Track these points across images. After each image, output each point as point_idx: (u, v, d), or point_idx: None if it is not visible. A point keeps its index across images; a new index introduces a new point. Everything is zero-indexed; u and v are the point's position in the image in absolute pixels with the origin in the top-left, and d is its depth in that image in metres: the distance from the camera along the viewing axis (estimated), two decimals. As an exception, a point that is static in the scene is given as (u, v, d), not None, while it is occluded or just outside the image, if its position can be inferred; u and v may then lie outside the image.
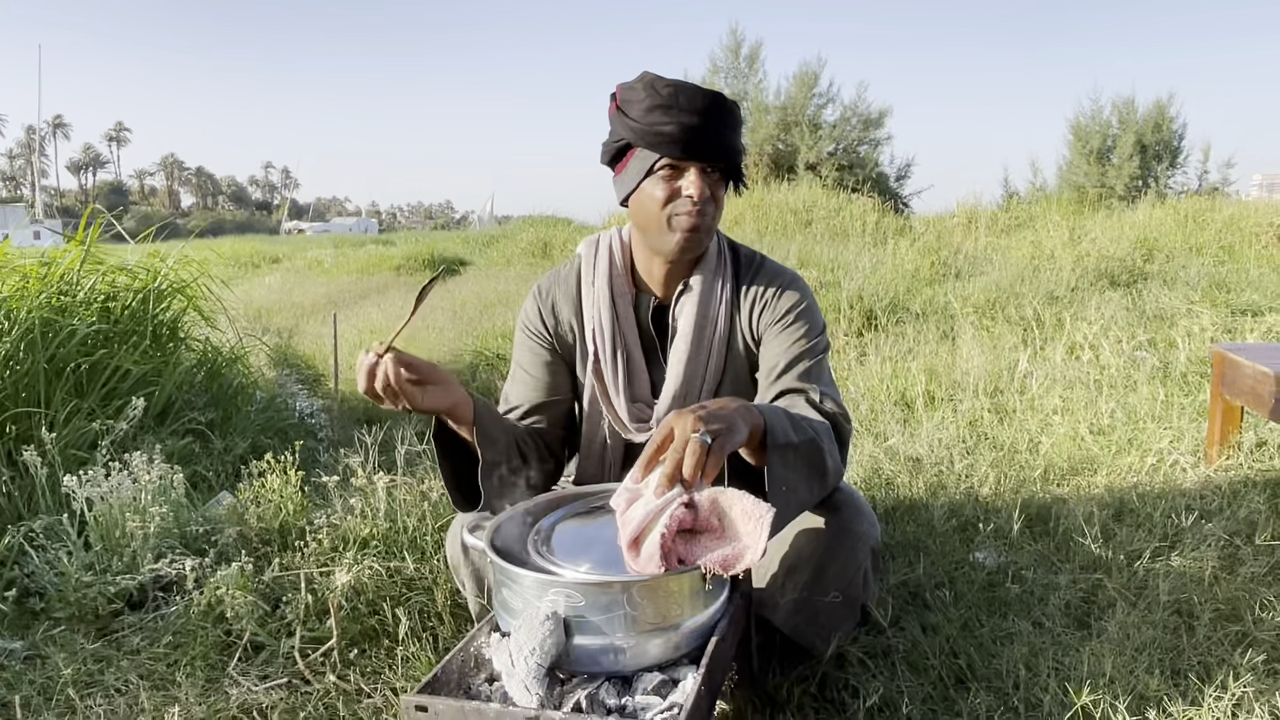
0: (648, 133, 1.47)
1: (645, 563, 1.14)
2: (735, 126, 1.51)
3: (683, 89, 1.46)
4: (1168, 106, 15.00)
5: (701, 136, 1.46)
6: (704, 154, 1.48)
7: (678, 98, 1.45)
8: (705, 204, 1.50)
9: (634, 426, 1.64)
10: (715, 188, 1.52)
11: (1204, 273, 6.56)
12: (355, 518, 2.20)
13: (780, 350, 1.57)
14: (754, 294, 1.63)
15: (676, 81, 1.47)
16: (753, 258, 1.69)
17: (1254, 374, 2.62)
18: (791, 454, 1.33)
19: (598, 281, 1.64)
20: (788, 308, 1.60)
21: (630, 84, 1.51)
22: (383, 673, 1.77)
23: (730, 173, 1.54)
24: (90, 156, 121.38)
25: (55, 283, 3.45)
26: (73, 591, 2.02)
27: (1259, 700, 1.48)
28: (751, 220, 10.88)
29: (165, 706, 1.65)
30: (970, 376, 3.93)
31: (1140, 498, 2.51)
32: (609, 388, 1.64)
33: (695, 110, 1.44)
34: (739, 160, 1.54)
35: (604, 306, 1.62)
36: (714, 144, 1.48)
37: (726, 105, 1.48)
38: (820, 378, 1.56)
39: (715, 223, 1.56)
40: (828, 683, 1.61)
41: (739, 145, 1.54)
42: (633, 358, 1.63)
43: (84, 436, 2.85)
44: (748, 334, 1.63)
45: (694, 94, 1.45)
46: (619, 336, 1.62)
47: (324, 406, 4.90)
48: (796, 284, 1.65)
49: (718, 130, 1.47)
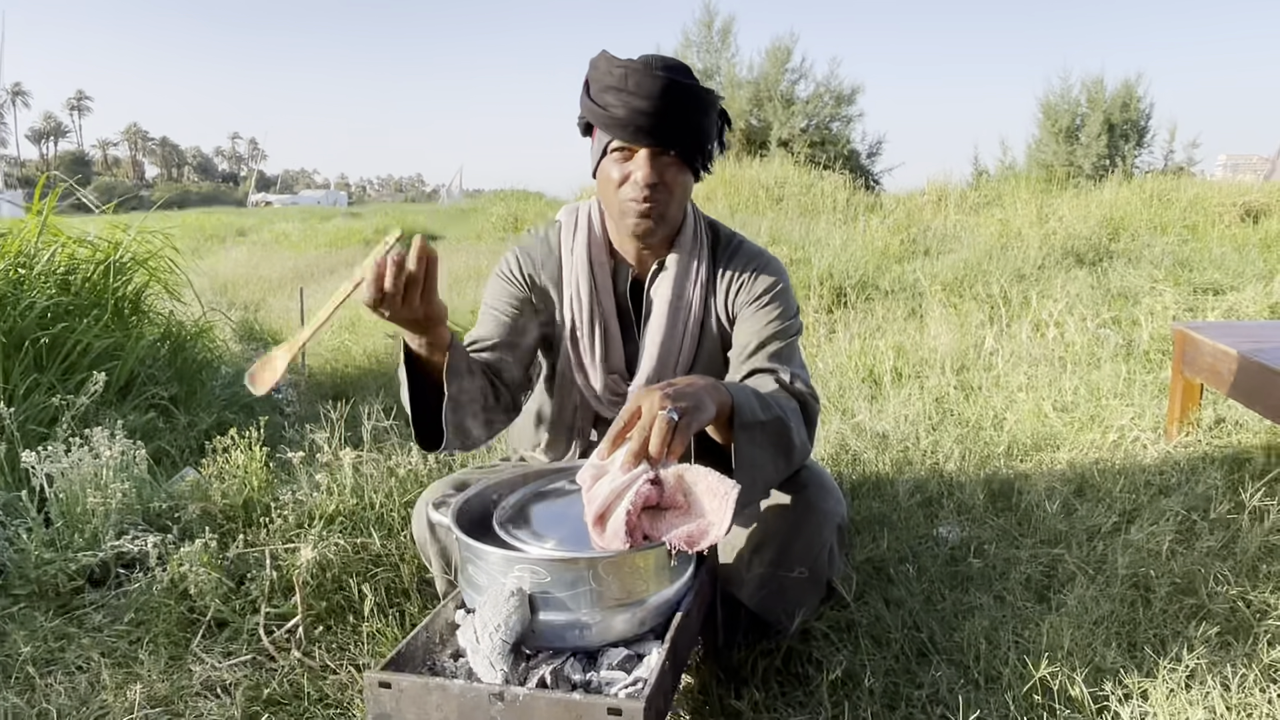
0: (601, 113, 1.45)
1: (610, 539, 1.15)
2: (695, 110, 1.45)
3: (633, 71, 1.40)
4: (1135, 86, 15.11)
5: (651, 121, 1.42)
6: (653, 139, 1.44)
7: (628, 80, 1.40)
8: (655, 189, 1.47)
9: (607, 399, 1.64)
10: (668, 172, 1.48)
11: (1168, 251, 6.65)
12: (321, 494, 2.18)
13: (753, 330, 1.58)
14: (730, 275, 1.63)
15: (629, 63, 1.42)
16: (731, 238, 1.68)
17: (1214, 352, 2.67)
18: (758, 432, 1.34)
19: (576, 250, 1.63)
20: (763, 289, 1.60)
21: (594, 60, 1.48)
22: (348, 649, 1.77)
23: (691, 156, 1.49)
24: (51, 125, 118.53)
25: (11, 255, 3.37)
26: (33, 568, 1.99)
27: (1211, 672, 1.51)
28: (723, 196, 10.85)
29: (127, 684, 1.64)
30: (937, 353, 3.97)
31: (1101, 473, 2.55)
32: (584, 358, 1.63)
33: (646, 94, 1.40)
34: (697, 145, 1.48)
35: (582, 275, 1.61)
36: (665, 129, 1.43)
37: (683, 89, 1.42)
38: (791, 359, 1.57)
39: (670, 208, 1.52)
40: (792, 656, 1.63)
41: (700, 128, 1.47)
42: (609, 329, 1.62)
43: (44, 412, 2.80)
44: (723, 314, 1.63)
45: (643, 78, 1.40)
46: (596, 306, 1.61)
47: (290, 382, 4.85)
48: (773, 266, 1.64)
49: (671, 115, 1.42)
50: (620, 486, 1.16)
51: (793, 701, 1.54)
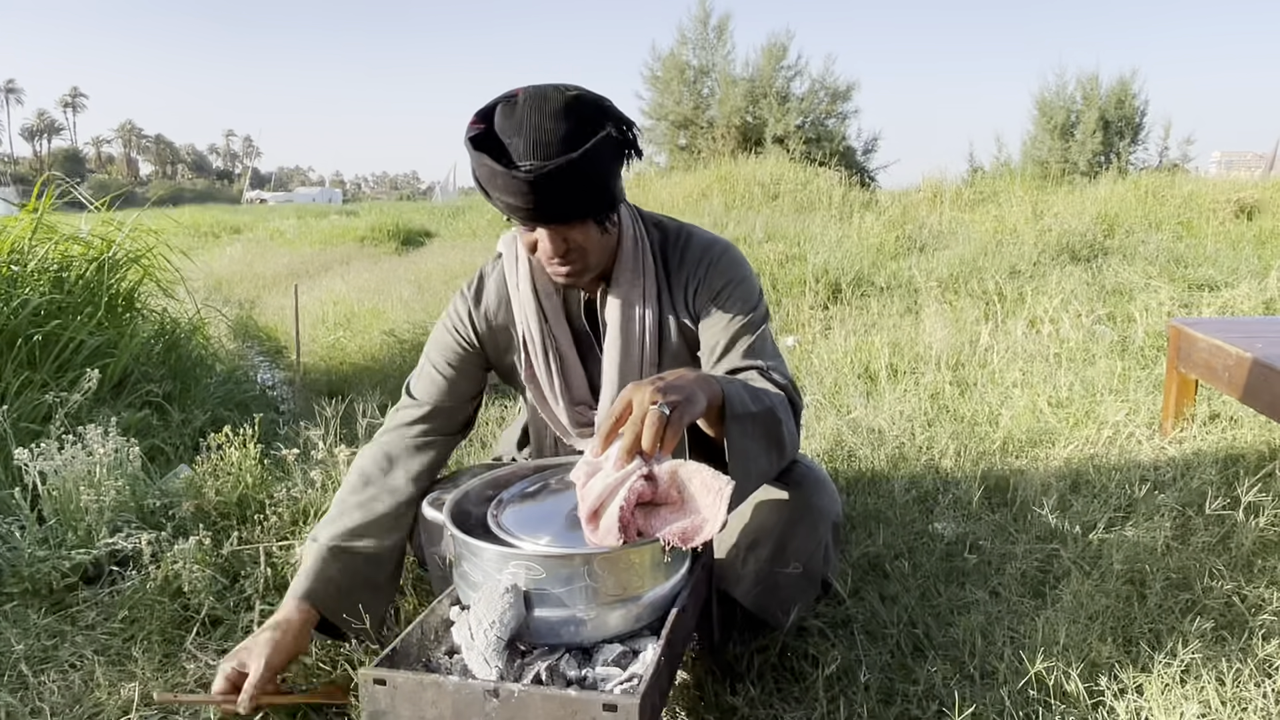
0: (487, 199, 1.38)
1: (604, 535, 1.14)
2: (576, 181, 1.31)
3: (496, 174, 1.30)
4: (1130, 83, 15.13)
5: (533, 212, 1.34)
6: (541, 222, 1.37)
7: (495, 180, 1.31)
8: (567, 254, 1.43)
9: (575, 431, 1.62)
10: (573, 234, 1.41)
11: (1163, 248, 6.65)
12: (316, 491, 2.18)
13: (720, 328, 1.54)
14: (685, 273, 1.58)
15: (490, 164, 1.30)
16: (680, 232, 1.62)
17: (1208, 348, 2.67)
18: (750, 424, 1.32)
19: (521, 285, 1.58)
20: (722, 284, 1.56)
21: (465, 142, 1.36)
22: (343, 646, 1.76)
23: (589, 214, 1.41)
24: (45, 123, 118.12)
25: (5, 252, 3.36)
26: (26, 566, 1.98)
27: (1206, 667, 1.51)
28: (719, 193, 10.86)
29: (121, 682, 1.63)
30: (933, 350, 3.97)
31: (1096, 469, 2.55)
32: (545, 393, 1.61)
33: (516, 193, 1.30)
34: (591, 205, 1.39)
35: (530, 310, 1.57)
36: (549, 213, 1.35)
37: (550, 176, 1.28)
38: (765, 351, 1.53)
39: (590, 259, 1.46)
40: (788, 652, 1.63)
41: (589, 192, 1.36)
42: (566, 359, 1.60)
43: (37, 409, 2.79)
44: (684, 314, 1.59)
45: (508, 180, 1.29)
46: (549, 339, 1.58)
47: (285, 379, 4.85)
48: (727, 255, 1.59)
49: (552, 200, 1.32)
50: (614, 483, 1.15)
51: (788, 697, 1.54)
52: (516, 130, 1.30)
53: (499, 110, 1.33)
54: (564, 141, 1.29)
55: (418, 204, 28.57)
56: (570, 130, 1.30)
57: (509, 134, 1.31)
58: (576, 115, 1.31)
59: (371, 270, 9.18)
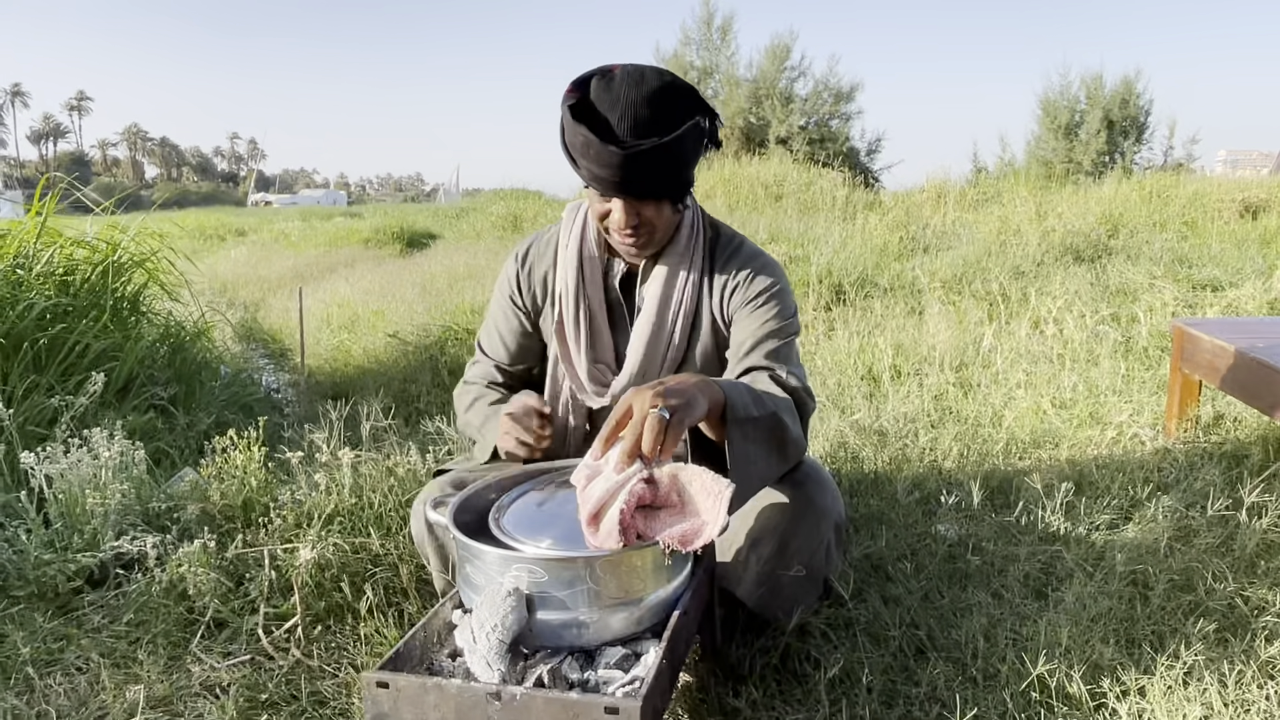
0: (573, 164, 1.46)
1: (604, 538, 1.15)
2: (661, 161, 1.40)
3: (591, 143, 1.36)
4: (1135, 82, 15.08)
5: (617, 186, 1.42)
6: (623, 194, 1.45)
7: (589, 150, 1.38)
8: (637, 229, 1.50)
9: (591, 389, 1.66)
10: (645, 210, 1.49)
11: (1167, 248, 6.63)
12: (320, 493, 2.18)
13: (749, 330, 1.58)
14: (727, 276, 1.63)
15: (587, 135, 1.36)
16: (732, 239, 1.68)
17: (1212, 348, 2.67)
18: (751, 428, 1.34)
19: (570, 246, 1.66)
20: (760, 290, 1.61)
21: (562, 104, 1.43)
22: (347, 649, 1.77)
23: (666, 195, 1.49)
24: (51, 126, 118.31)
25: (10, 256, 3.38)
26: (32, 569, 1.99)
27: (1209, 668, 1.51)
28: (722, 194, 10.85)
29: (127, 684, 1.64)
30: (936, 351, 3.97)
31: (1100, 470, 2.55)
32: (570, 347, 1.66)
33: (605, 164, 1.38)
34: (670, 186, 1.47)
35: (571, 269, 1.64)
36: (632, 187, 1.43)
37: (641, 156, 1.36)
38: (788, 359, 1.58)
39: (656, 235, 1.55)
40: (790, 654, 1.63)
41: (670, 172, 1.44)
42: (596, 319, 1.65)
43: (43, 413, 2.80)
44: (718, 315, 1.64)
45: (600, 150, 1.36)
46: (583, 298, 1.64)
47: (290, 381, 4.86)
48: (771, 269, 1.65)
49: (636, 177, 1.40)
50: (614, 486, 1.16)
51: (791, 699, 1.54)
52: (613, 106, 1.37)
53: (595, 82, 1.41)
54: (658, 124, 1.37)
55: (422, 206, 28.62)
56: (665, 114, 1.38)
57: (606, 107, 1.38)
58: (671, 100, 1.39)
59: (376, 272, 9.19)
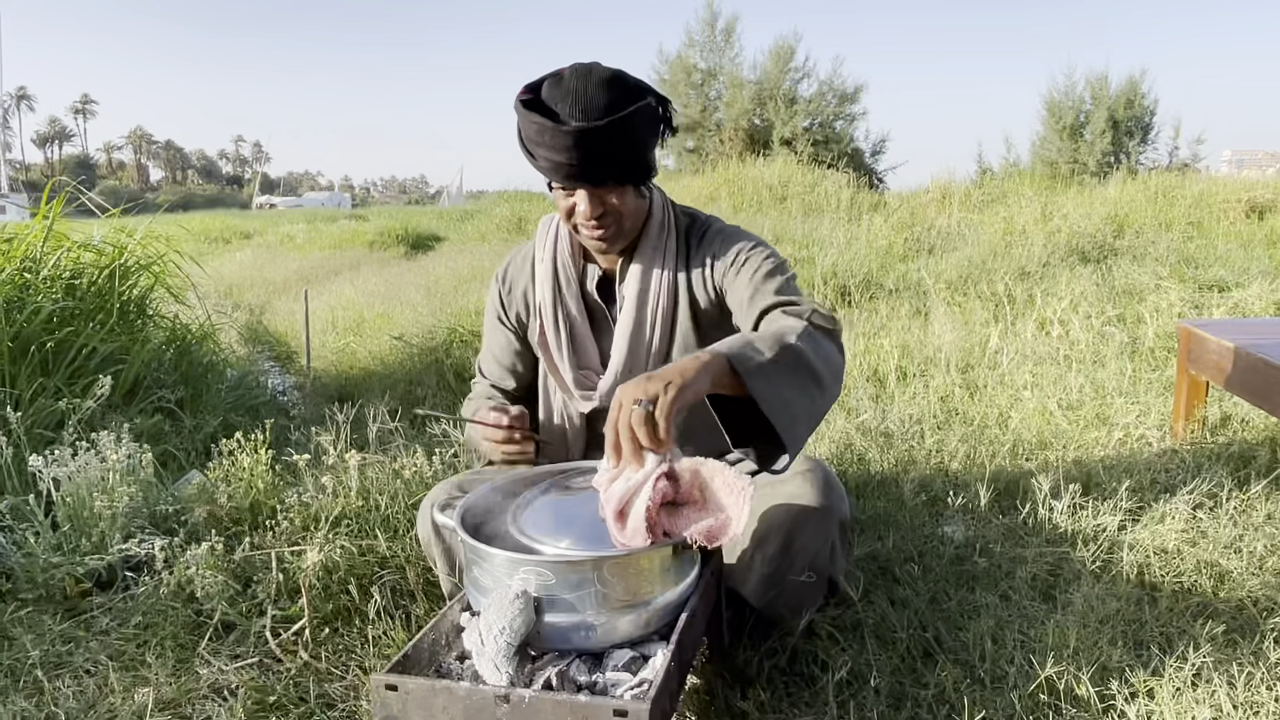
0: (532, 161, 1.49)
1: (632, 535, 1.15)
2: (618, 141, 1.43)
3: (544, 128, 1.41)
4: (1140, 83, 15.05)
5: (575, 169, 1.44)
6: (582, 181, 1.47)
7: (544, 135, 1.42)
8: (603, 218, 1.52)
9: (579, 393, 1.68)
10: (609, 198, 1.51)
11: (1173, 248, 6.62)
12: (327, 496, 2.19)
13: (745, 282, 1.58)
14: (704, 253, 1.65)
15: (539, 120, 1.41)
16: (706, 222, 1.71)
17: (1218, 349, 2.66)
18: (772, 369, 1.28)
19: (544, 258, 1.70)
20: (738, 249, 1.62)
21: (515, 107, 1.47)
22: (354, 651, 1.77)
23: (628, 177, 1.51)
24: (56, 129, 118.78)
25: (17, 260, 3.39)
26: (40, 572, 2.00)
27: (1218, 670, 1.51)
28: (726, 196, 10.86)
29: (135, 687, 1.64)
30: (942, 352, 3.96)
31: (1107, 472, 2.54)
32: (553, 356, 1.70)
33: (562, 148, 1.41)
34: (630, 167, 1.50)
35: (546, 281, 1.68)
36: (590, 172, 1.46)
37: (596, 133, 1.40)
38: (796, 290, 1.56)
39: (624, 224, 1.56)
40: (797, 656, 1.63)
41: (628, 153, 1.47)
42: (576, 326, 1.68)
43: (50, 416, 2.81)
44: (708, 293, 1.64)
45: (555, 134, 1.40)
46: (560, 306, 1.67)
47: (296, 384, 4.87)
48: (744, 234, 1.67)
49: (593, 158, 1.43)
50: (636, 484, 1.16)
51: (798, 702, 1.54)
52: (564, 97, 1.42)
53: (547, 83, 1.46)
54: (608, 106, 1.41)
55: (426, 208, 28.65)
56: (614, 98, 1.42)
57: (556, 100, 1.43)
58: (620, 86, 1.44)
59: (380, 275, 9.21)
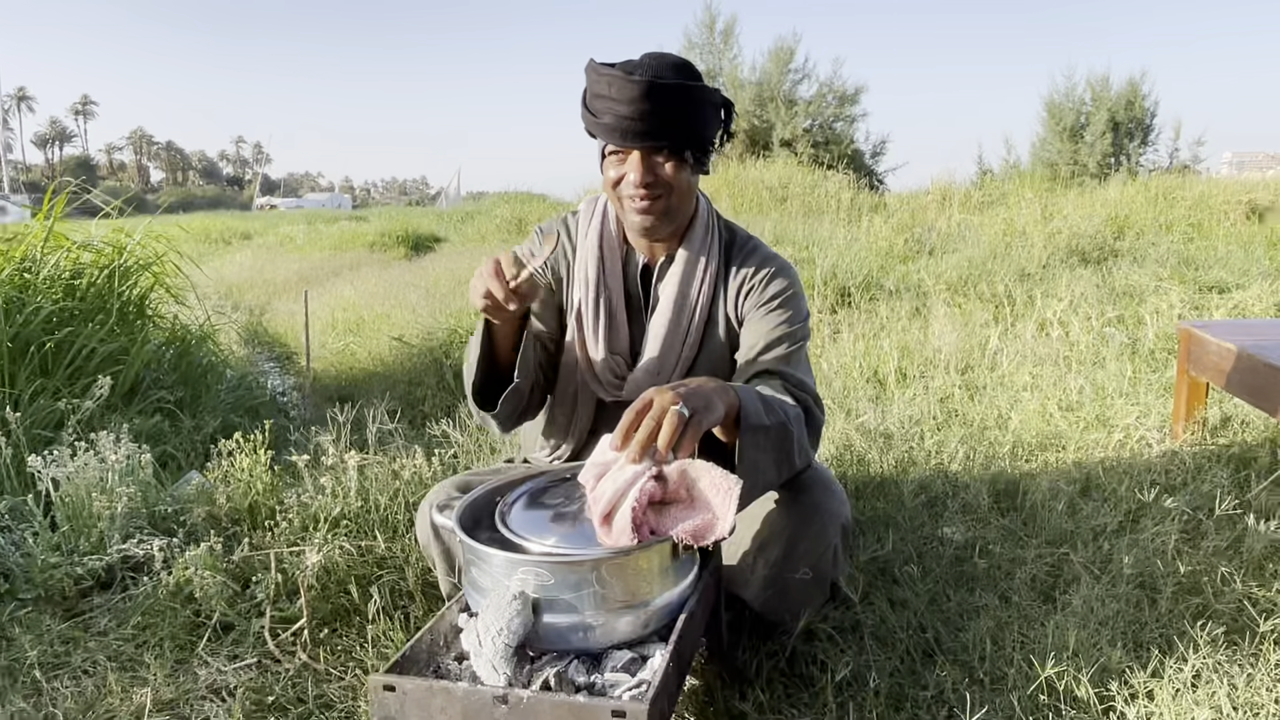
0: (593, 120, 1.51)
1: (618, 536, 1.15)
2: (681, 106, 1.48)
3: (614, 79, 1.44)
4: (1140, 84, 15.05)
5: (635, 124, 1.46)
6: (639, 139, 1.48)
7: (610, 87, 1.45)
8: (651, 186, 1.52)
9: (606, 380, 1.66)
10: (661, 168, 1.52)
11: (1173, 250, 6.62)
12: (326, 497, 2.19)
13: (761, 333, 1.60)
14: (742, 276, 1.65)
15: (610, 70, 1.46)
16: (748, 241, 1.71)
17: (1219, 350, 2.66)
18: (763, 436, 1.36)
19: (590, 235, 1.68)
20: (773, 293, 1.63)
21: (586, 67, 1.52)
22: (353, 652, 1.77)
23: (682, 148, 1.52)
24: (56, 130, 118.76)
25: (17, 260, 3.39)
26: (39, 572, 2.00)
27: (1217, 671, 1.51)
28: (727, 197, 10.84)
29: (133, 687, 1.64)
30: (942, 353, 3.96)
31: (1106, 473, 2.54)
32: (588, 335, 1.67)
33: (627, 99, 1.44)
34: (687, 138, 1.51)
35: (592, 257, 1.66)
36: (649, 129, 1.47)
37: (663, 89, 1.44)
38: (798, 364, 1.59)
39: (672, 200, 1.56)
40: (797, 658, 1.63)
41: (688, 123, 1.50)
42: (615, 309, 1.66)
43: (50, 416, 2.81)
44: (731, 314, 1.65)
45: (623, 84, 1.43)
46: (603, 286, 1.65)
47: (296, 385, 4.86)
48: (785, 272, 1.66)
49: (654, 115, 1.46)
50: (624, 484, 1.16)
51: (798, 703, 1.54)
52: (638, 65, 1.48)
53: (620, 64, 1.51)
54: (678, 71, 1.49)
55: (426, 209, 28.61)
56: (686, 72, 1.51)
57: (630, 66, 1.48)
58: (691, 68, 1.53)
59: (381, 276, 9.20)
